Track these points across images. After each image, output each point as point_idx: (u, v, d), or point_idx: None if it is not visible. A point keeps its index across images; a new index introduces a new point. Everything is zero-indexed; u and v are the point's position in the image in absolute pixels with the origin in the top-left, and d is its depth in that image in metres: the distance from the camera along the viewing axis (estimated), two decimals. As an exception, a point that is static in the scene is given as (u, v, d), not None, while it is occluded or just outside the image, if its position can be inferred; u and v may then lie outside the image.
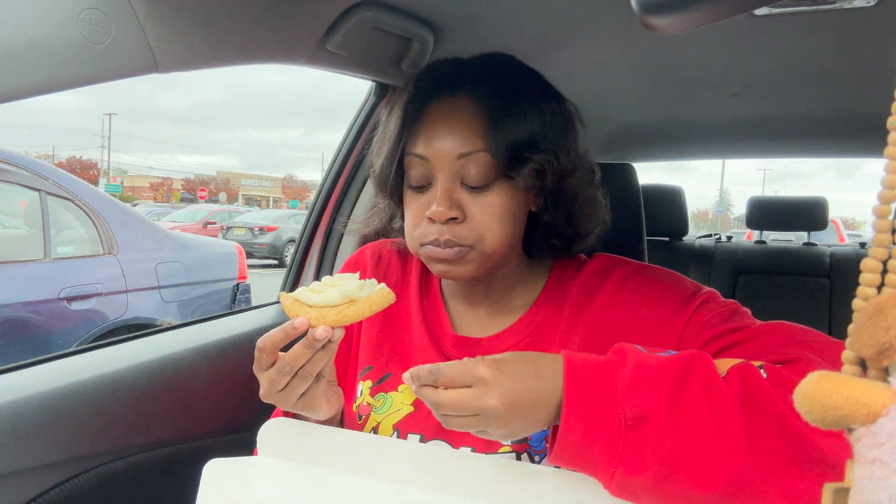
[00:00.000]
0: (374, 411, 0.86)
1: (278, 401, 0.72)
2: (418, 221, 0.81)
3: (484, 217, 0.78)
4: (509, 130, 0.77)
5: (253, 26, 0.88)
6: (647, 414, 0.60)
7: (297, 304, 0.69)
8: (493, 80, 0.82)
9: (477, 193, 0.79)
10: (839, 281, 2.25)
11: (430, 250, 0.79)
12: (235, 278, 4.25)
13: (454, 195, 0.79)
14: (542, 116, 0.81)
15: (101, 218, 3.46)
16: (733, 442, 0.58)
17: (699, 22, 0.50)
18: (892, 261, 0.31)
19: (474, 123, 0.79)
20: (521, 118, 0.79)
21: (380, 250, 1.00)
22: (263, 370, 0.71)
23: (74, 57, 0.67)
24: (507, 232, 0.80)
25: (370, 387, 0.88)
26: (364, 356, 0.92)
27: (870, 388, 0.29)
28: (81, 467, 0.97)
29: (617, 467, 0.60)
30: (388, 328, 0.92)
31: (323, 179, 1.55)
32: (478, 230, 0.78)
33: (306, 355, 0.68)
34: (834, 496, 0.31)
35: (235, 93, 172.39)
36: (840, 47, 1.21)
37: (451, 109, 0.81)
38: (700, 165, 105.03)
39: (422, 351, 0.89)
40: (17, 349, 2.99)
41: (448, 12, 1.10)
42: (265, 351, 0.69)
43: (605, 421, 0.61)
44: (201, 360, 1.18)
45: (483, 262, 0.80)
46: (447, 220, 0.77)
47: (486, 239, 0.79)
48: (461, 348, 0.87)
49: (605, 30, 1.16)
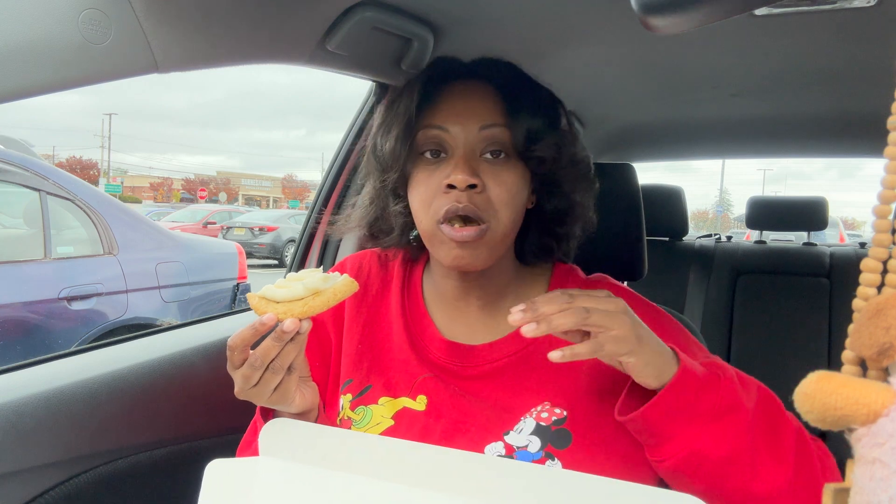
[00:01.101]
0: (354, 425, 0.85)
1: (252, 396, 0.74)
2: (433, 195, 0.81)
3: (500, 191, 0.80)
4: (530, 115, 0.82)
5: (253, 26, 0.88)
6: (737, 406, 0.70)
7: (263, 302, 0.70)
8: (507, 72, 0.88)
9: (494, 167, 0.81)
10: (839, 281, 2.25)
11: (449, 232, 0.79)
12: (235, 278, 4.25)
13: (473, 164, 0.81)
14: (548, 112, 0.86)
15: (101, 218, 3.46)
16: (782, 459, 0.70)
17: (699, 22, 0.50)
18: (892, 261, 0.31)
19: (494, 102, 0.83)
20: (533, 107, 0.83)
21: (360, 261, 0.99)
22: (236, 368, 0.72)
23: (74, 57, 0.67)
24: (516, 213, 0.82)
25: (350, 400, 0.88)
26: (345, 369, 0.92)
27: (870, 388, 0.29)
28: (81, 467, 0.97)
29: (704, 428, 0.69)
30: (367, 340, 0.91)
31: (323, 179, 1.55)
32: (494, 203, 0.80)
33: (276, 348, 0.70)
34: (834, 496, 0.31)
35: (237, 93, 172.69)
36: (840, 47, 1.21)
37: (471, 89, 0.85)
38: (700, 165, 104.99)
39: (403, 361, 0.88)
40: (17, 349, 2.99)
41: (448, 12, 1.10)
42: (236, 349, 0.70)
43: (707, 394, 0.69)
44: (201, 360, 1.18)
45: (495, 246, 0.81)
46: (467, 186, 0.78)
47: (501, 215, 0.80)
48: (451, 354, 0.86)
49: (605, 30, 1.16)
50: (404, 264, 0.97)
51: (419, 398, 0.85)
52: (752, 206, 2.67)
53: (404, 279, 0.95)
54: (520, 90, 0.85)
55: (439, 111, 0.83)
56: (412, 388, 0.86)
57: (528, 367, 0.83)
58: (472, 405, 0.82)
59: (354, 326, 0.93)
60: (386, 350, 0.90)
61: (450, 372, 0.86)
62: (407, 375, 0.87)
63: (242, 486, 0.75)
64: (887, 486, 0.27)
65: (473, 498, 0.67)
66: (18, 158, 3.30)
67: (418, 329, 0.90)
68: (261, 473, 0.75)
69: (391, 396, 0.86)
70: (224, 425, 1.20)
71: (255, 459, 0.77)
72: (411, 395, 0.85)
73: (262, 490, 0.75)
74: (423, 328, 0.90)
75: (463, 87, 0.85)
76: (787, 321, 2.21)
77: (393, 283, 0.95)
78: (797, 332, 2.19)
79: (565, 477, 0.66)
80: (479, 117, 0.82)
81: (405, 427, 0.82)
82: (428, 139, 0.83)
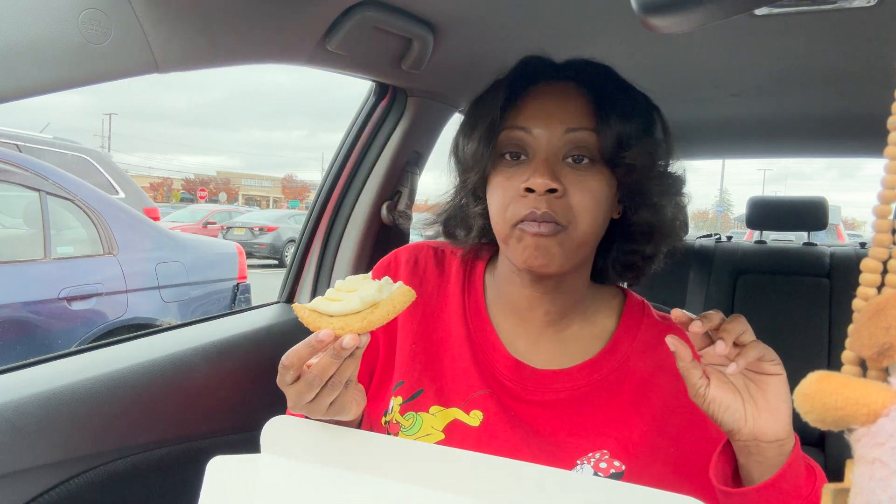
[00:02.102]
0: (402, 431, 0.82)
1: (308, 411, 0.70)
2: (511, 198, 0.78)
3: (582, 197, 0.76)
4: (615, 119, 0.77)
5: (253, 26, 0.88)
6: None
7: (315, 316, 0.66)
8: (599, 73, 0.83)
9: (577, 172, 0.77)
10: (839, 281, 2.25)
11: (525, 226, 0.76)
12: (235, 278, 4.24)
13: (555, 168, 0.77)
14: (642, 117, 0.81)
15: (101, 218, 3.46)
16: None
17: (699, 22, 0.50)
18: (892, 261, 0.31)
19: (582, 105, 0.79)
20: (625, 113, 0.78)
21: (416, 255, 0.93)
22: (288, 385, 0.68)
23: (74, 57, 0.67)
24: (598, 221, 0.78)
25: (401, 404, 0.84)
26: (398, 369, 0.87)
27: (870, 388, 0.29)
28: (81, 467, 0.97)
29: None
30: (423, 339, 0.87)
31: (323, 180, 1.55)
32: (575, 208, 0.76)
33: (334, 366, 0.65)
34: (834, 496, 0.31)
35: (239, 93, 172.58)
36: (840, 47, 1.21)
37: (559, 90, 0.81)
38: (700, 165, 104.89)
39: (462, 371, 0.84)
40: (17, 349, 2.99)
41: (448, 12, 1.10)
42: (292, 367, 0.66)
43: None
44: (201, 360, 1.18)
45: (571, 251, 0.77)
46: (547, 190, 0.75)
47: (580, 221, 0.76)
48: (516, 374, 0.83)
49: (605, 30, 1.16)
50: (464, 263, 0.92)
51: (473, 413, 0.82)
52: (752, 206, 2.67)
53: (464, 278, 0.91)
54: (612, 93, 0.80)
55: (523, 112, 0.80)
56: (467, 402, 0.82)
57: (591, 405, 0.81)
58: (528, 434, 0.80)
59: (408, 325, 0.89)
60: (443, 353, 0.86)
61: (510, 392, 0.83)
62: (464, 386, 0.83)
63: (244, 484, 0.75)
64: (887, 485, 0.27)
65: (474, 497, 0.67)
66: (18, 158, 3.30)
67: (481, 338, 0.86)
68: (262, 471, 0.75)
69: (442, 406, 0.83)
70: (224, 425, 1.20)
71: (257, 457, 0.77)
72: (465, 408, 0.82)
73: (264, 487, 0.75)
74: (486, 338, 0.86)
75: (551, 88, 0.81)
76: (787, 321, 2.21)
77: (451, 282, 0.90)
78: (797, 332, 2.18)
79: (565, 477, 0.66)
80: (564, 120, 0.78)
81: (456, 442, 0.79)
82: (509, 140, 0.80)
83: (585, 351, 0.84)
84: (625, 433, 0.79)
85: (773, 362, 0.66)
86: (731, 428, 0.66)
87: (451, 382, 0.84)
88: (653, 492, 0.62)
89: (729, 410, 0.66)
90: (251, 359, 1.28)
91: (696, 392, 0.67)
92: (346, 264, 1.53)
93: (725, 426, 0.67)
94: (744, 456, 0.68)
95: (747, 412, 0.65)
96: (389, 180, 1.54)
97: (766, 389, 0.65)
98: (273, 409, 0.86)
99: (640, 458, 0.78)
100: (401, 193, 1.57)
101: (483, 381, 0.83)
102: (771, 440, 0.65)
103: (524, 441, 0.79)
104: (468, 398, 0.83)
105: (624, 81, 0.84)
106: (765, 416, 0.65)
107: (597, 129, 0.77)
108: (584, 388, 0.81)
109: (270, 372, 0.73)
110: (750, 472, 0.68)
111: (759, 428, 0.65)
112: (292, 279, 1.55)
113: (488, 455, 0.76)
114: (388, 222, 1.57)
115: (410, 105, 1.48)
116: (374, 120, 1.49)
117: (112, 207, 3.59)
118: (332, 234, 1.55)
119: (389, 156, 1.51)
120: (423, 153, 1.59)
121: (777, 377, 0.66)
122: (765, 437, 0.65)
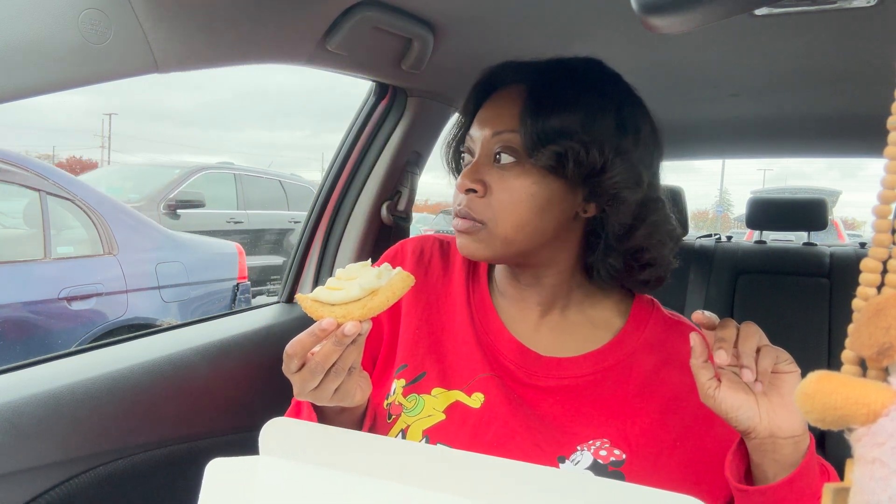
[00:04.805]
0: (405, 412, 0.83)
1: (313, 398, 0.73)
2: (455, 196, 0.85)
3: (502, 196, 0.80)
4: (544, 116, 0.78)
5: (253, 26, 0.88)
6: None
7: (317, 305, 0.68)
8: (550, 73, 0.84)
9: (501, 171, 0.81)
10: (839, 281, 2.25)
11: (453, 221, 0.84)
12: (235, 278, 4.25)
13: (481, 170, 0.82)
14: (589, 112, 0.79)
15: (101, 218, 3.46)
16: None
17: (699, 22, 0.50)
18: (892, 261, 0.31)
19: (516, 107, 0.82)
20: (561, 108, 0.78)
21: (422, 245, 0.97)
22: (293, 373, 0.70)
23: (74, 57, 0.67)
24: (523, 217, 0.79)
25: (403, 386, 0.86)
26: (400, 352, 0.89)
27: (870, 388, 0.29)
28: (81, 467, 0.97)
29: None
30: (427, 324, 0.90)
31: (323, 180, 1.55)
32: (494, 208, 0.80)
33: (337, 353, 0.68)
34: (834, 496, 0.31)
35: (241, 93, 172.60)
36: (840, 47, 1.21)
37: (507, 94, 0.85)
38: (700, 165, 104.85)
39: (465, 354, 0.86)
40: (17, 349, 2.99)
41: (448, 12, 1.10)
42: (296, 355, 0.69)
43: None
44: (201, 360, 1.18)
45: (496, 244, 0.81)
46: (465, 190, 0.81)
47: (500, 219, 0.80)
48: (521, 358, 0.84)
49: (604, 30, 1.16)
50: None
51: (475, 395, 0.83)
52: (752, 206, 2.67)
53: (469, 268, 0.94)
54: (547, 91, 0.80)
55: (477, 118, 0.86)
56: (470, 384, 0.84)
57: (594, 394, 0.81)
58: (529, 417, 0.81)
59: (413, 310, 0.91)
60: (447, 335, 0.89)
61: (513, 376, 0.84)
62: (467, 369, 0.85)
63: (243, 486, 0.75)
64: (887, 485, 0.27)
65: (474, 498, 0.67)
66: (18, 158, 3.30)
67: (485, 321, 0.88)
68: (261, 473, 0.75)
69: (444, 388, 0.84)
70: (224, 425, 1.20)
71: (256, 459, 0.77)
72: (467, 390, 0.83)
73: (263, 489, 0.75)
74: (490, 322, 0.88)
75: (503, 93, 0.85)
76: (787, 321, 2.21)
77: (456, 271, 0.93)
78: (797, 332, 2.18)
79: (564, 477, 0.66)
80: (495, 123, 0.82)
81: (457, 423, 0.81)
82: (466, 144, 0.87)
83: (590, 342, 0.85)
84: (627, 424, 0.80)
85: (786, 362, 0.67)
86: (745, 427, 0.67)
87: (454, 365, 0.86)
88: (652, 491, 0.62)
89: (741, 409, 0.66)
90: (251, 359, 1.28)
91: (705, 393, 0.68)
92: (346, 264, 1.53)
93: (740, 426, 0.67)
94: (759, 454, 0.68)
95: (762, 409, 0.66)
96: (389, 180, 1.54)
97: (781, 386, 0.66)
98: (273, 409, 0.86)
99: (642, 449, 0.78)
100: (401, 193, 1.57)
101: (487, 363, 0.84)
102: (787, 436, 0.66)
103: (524, 424, 0.80)
104: (471, 380, 0.84)
105: (566, 76, 0.83)
106: (780, 412, 0.66)
107: (518, 129, 0.80)
108: (589, 376, 0.82)
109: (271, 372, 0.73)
110: (765, 471, 0.68)
111: (776, 424, 0.66)
112: (292, 279, 1.55)
113: (488, 455, 0.76)
114: (388, 222, 1.57)
115: (410, 105, 1.48)
116: (374, 120, 1.49)
117: (112, 207, 3.59)
118: (332, 234, 1.55)
119: (389, 156, 1.52)
120: (423, 153, 1.59)
121: (792, 374, 0.67)
122: (781, 433, 0.66)
